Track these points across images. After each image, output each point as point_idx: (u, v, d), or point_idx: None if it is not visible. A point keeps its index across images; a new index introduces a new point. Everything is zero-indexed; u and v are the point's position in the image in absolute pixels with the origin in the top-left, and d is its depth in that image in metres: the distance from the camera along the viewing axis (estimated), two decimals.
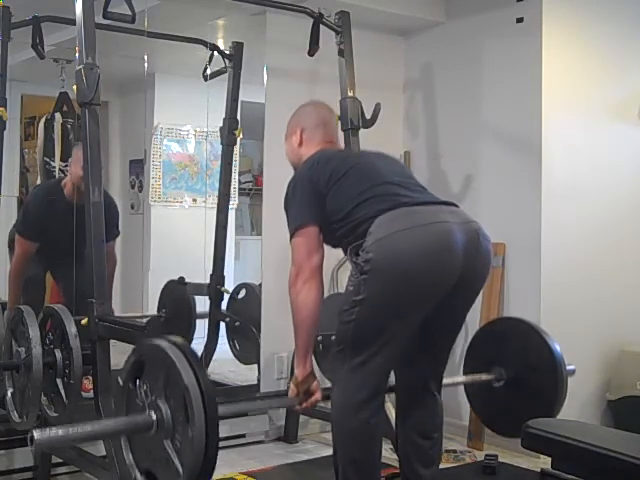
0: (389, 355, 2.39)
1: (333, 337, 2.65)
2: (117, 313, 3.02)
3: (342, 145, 3.08)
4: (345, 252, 2.51)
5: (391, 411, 3.23)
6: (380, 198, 2.41)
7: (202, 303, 4.53)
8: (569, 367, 2.90)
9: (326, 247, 2.52)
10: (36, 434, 1.84)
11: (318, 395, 2.53)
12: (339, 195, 2.46)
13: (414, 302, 2.35)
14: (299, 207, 2.48)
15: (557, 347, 2.88)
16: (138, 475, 2.04)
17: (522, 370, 2.92)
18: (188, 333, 4.46)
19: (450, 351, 2.63)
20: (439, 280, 2.34)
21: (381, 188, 2.45)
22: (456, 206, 2.51)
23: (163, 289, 4.54)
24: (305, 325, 2.45)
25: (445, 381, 2.67)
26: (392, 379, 2.56)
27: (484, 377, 2.98)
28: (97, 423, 2.04)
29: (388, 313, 2.33)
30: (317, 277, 2.43)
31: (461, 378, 3.04)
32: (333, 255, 2.52)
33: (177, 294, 4.54)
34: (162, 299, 4.54)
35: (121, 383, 2.08)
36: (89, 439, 2.29)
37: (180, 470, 1.89)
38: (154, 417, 1.94)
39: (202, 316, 4.53)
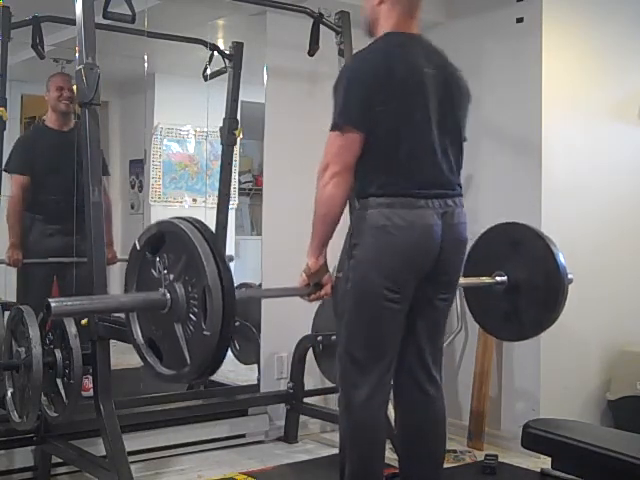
0: (387, 340, 2.39)
1: (333, 337, 2.66)
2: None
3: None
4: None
5: (391, 411, 3.23)
6: (397, 179, 2.35)
7: None
8: (569, 276, 2.88)
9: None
10: (53, 303, 1.84)
11: (328, 288, 2.46)
12: (377, 133, 2.33)
13: (396, 279, 2.35)
14: (352, 103, 2.31)
15: (561, 255, 2.86)
16: (141, 340, 2.04)
17: (525, 276, 2.89)
18: None
19: (437, 345, 2.58)
20: (419, 259, 2.37)
21: (408, 165, 2.36)
22: (459, 199, 2.50)
23: None
24: (327, 218, 2.36)
25: None
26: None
27: (486, 280, 2.94)
28: (111, 297, 2.03)
29: (373, 293, 2.34)
30: (348, 172, 2.32)
31: (462, 280, 2.94)
32: (333, 255, 2.51)
33: None
34: None
35: (138, 247, 2.05)
36: (102, 312, 2.26)
37: (188, 360, 1.89)
38: (168, 296, 1.93)
39: None
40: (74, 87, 2.85)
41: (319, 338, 3.72)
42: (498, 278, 2.93)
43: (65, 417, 2.73)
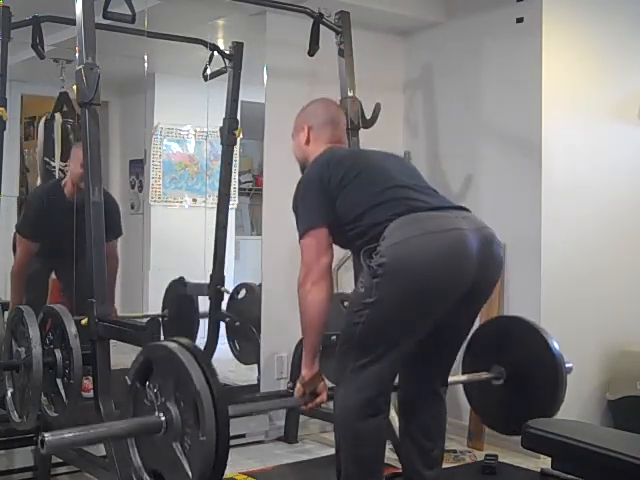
0: (395, 358, 2.38)
1: (333, 337, 2.65)
2: (118, 313, 3.02)
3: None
4: (356, 254, 2.51)
5: (391, 411, 3.23)
6: (394, 202, 2.40)
7: (202, 303, 4.54)
8: (567, 365, 2.90)
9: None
10: (47, 437, 1.84)
11: (324, 396, 2.54)
12: (351, 197, 2.44)
13: (425, 309, 2.34)
14: (309, 208, 2.47)
15: (556, 345, 2.89)
16: (145, 475, 2.04)
17: (521, 368, 2.92)
18: (192, 333, 4.47)
19: (457, 354, 2.64)
20: (452, 288, 2.35)
21: (395, 191, 2.44)
22: (468, 210, 2.50)
23: (167, 289, 4.54)
24: (313, 326, 2.44)
25: None
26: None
27: (483, 376, 2.98)
28: (107, 425, 2.04)
29: (398, 318, 2.32)
30: (326, 278, 2.42)
31: (461, 377, 3.04)
32: (334, 255, 2.52)
33: (180, 294, 4.54)
34: (166, 299, 4.55)
35: (129, 382, 2.08)
36: (99, 441, 2.29)
37: (189, 473, 1.89)
38: (163, 419, 1.94)
39: (202, 316, 4.54)
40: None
41: None
42: (494, 373, 2.96)
43: (65, 417, 2.73)
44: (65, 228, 3.72)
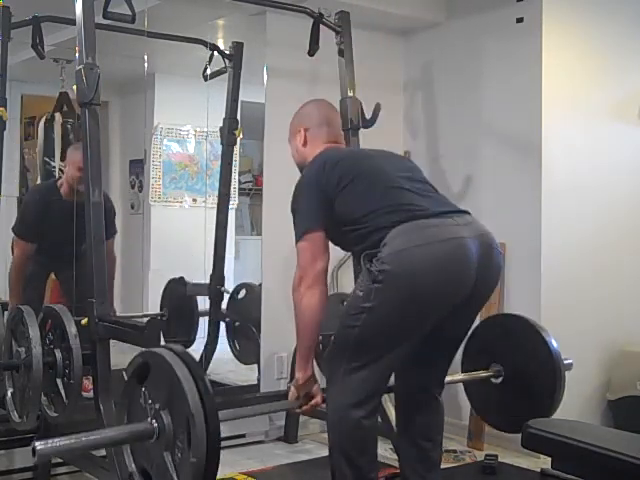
0: (389, 363, 2.39)
1: (333, 337, 2.65)
2: (118, 313, 3.02)
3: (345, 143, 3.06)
4: (355, 257, 2.51)
5: (391, 411, 3.23)
6: (394, 207, 2.39)
7: (202, 303, 4.53)
8: (566, 361, 2.90)
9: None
10: (38, 445, 1.83)
11: (319, 398, 2.53)
12: (350, 200, 2.44)
13: (423, 317, 2.35)
14: (306, 211, 2.46)
15: (554, 343, 2.88)
16: (135, 471, 2.04)
17: (520, 366, 2.92)
18: (190, 332, 4.47)
19: (454, 356, 2.64)
20: (451, 297, 2.35)
21: (394, 195, 2.43)
22: (468, 214, 2.50)
23: (165, 288, 4.54)
24: (307, 329, 2.44)
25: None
26: (392, 380, 2.56)
27: (482, 374, 2.98)
28: (98, 433, 2.03)
29: (395, 325, 2.33)
30: (321, 282, 2.42)
31: (460, 376, 3.03)
32: (333, 255, 2.52)
33: (179, 293, 4.54)
34: (164, 298, 4.55)
35: (125, 378, 2.07)
36: (91, 448, 2.28)
37: None
38: (155, 425, 1.94)
39: (202, 314, 4.53)
40: None
41: (319, 338, 3.71)
42: (493, 371, 2.96)
43: (65, 417, 2.73)
44: (62, 229, 3.73)
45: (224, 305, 4.52)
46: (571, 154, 3.88)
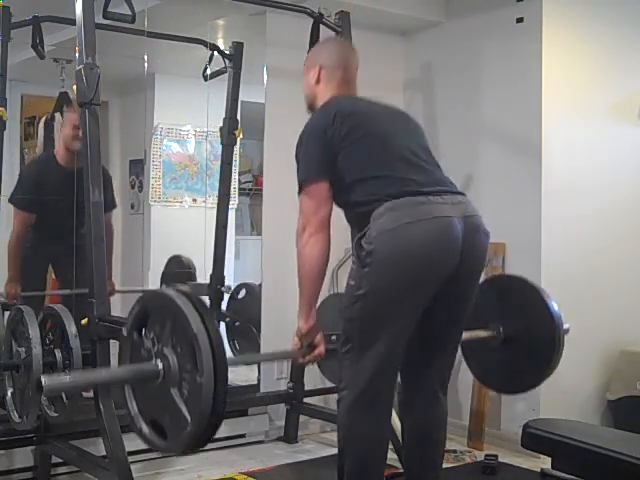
0: (395, 351, 2.38)
1: (333, 337, 2.65)
2: (117, 313, 3.01)
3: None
4: (347, 219, 2.51)
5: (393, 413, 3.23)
6: (389, 180, 2.39)
7: None
8: (565, 326, 2.89)
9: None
10: (44, 379, 1.84)
11: (322, 348, 2.51)
12: (351, 159, 2.42)
13: (414, 294, 2.35)
14: (310, 158, 2.44)
15: (555, 306, 2.87)
16: (144, 425, 2.03)
17: (520, 328, 2.90)
18: None
19: (455, 353, 2.63)
20: (438, 271, 2.35)
21: (393, 166, 2.42)
22: (462, 194, 2.50)
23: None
24: (310, 277, 2.41)
25: None
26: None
27: (482, 334, 2.95)
28: (104, 370, 2.04)
29: (389, 307, 2.33)
30: (324, 230, 2.40)
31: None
32: (333, 255, 2.51)
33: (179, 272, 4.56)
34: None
35: (125, 333, 2.07)
36: (95, 385, 2.27)
37: (188, 418, 1.89)
38: (160, 366, 1.94)
39: None
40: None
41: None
42: (493, 331, 2.94)
43: (65, 417, 2.73)
44: (61, 198, 3.72)
45: (224, 305, 4.52)
46: (571, 154, 3.88)
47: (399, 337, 2.38)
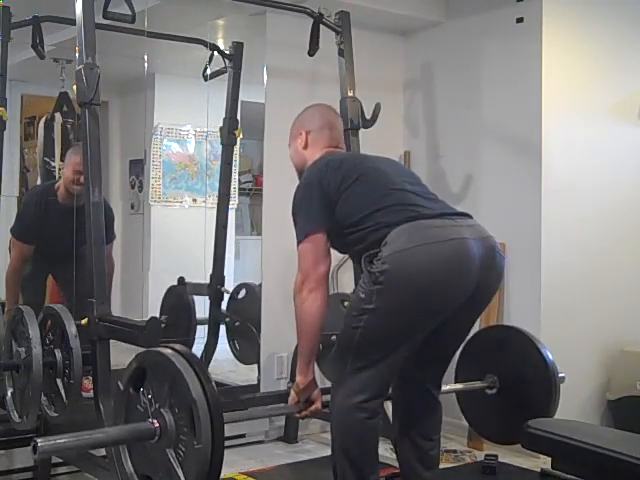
0: (392, 363, 2.39)
1: (333, 337, 2.65)
2: (117, 313, 3.01)
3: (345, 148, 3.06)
4: (355, 259, 2.51)
5: (390, 411, 3.23)
6: (397, 207, 2.39)
7: (202, 303, 4.53)
8: (560, 375, 2.89)
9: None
10: (40, 442, 1.84)
11: (318, 404, 2.54)
12: (352, 201, 2.43)
13: (425, 317, 2.35)
14: (308, 213, 2.45)
15: (550, 355, 2.88)
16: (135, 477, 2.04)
17: (515, 378, 2.91)
18: (189, 336, 4.46)
19: (452, 357, 2.64)
20: (453, 297, 2.35)
21: (397, 196, 2.42)
22: (470, 217, 2.50)
23: (165, 295, 4.54)
24: (309, 333, 2.44)
25: None
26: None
27: (477, 385, 2.97)
28: (99, 432, 2.03)
29: (397, 326, 2.32)
30: (323, 286, 2.42)
31: (455, 386, 3.03)
32: (333, 255, 2.52)
33: (178, 297, 4.53)
34: (164, 304, 4.54)
35: (122, 388, 2.07)
36: (91, 447, 2.28)
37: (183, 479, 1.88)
38: (157, 425, 1.94)
39: (202, 322, 4.52)
40: None
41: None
42: (489, 382, 2.95)
43: (65, 417, 2.73)
44: (60, 231, 3.73)
45: (224, 305, 4.52)
46: (571, 154, 3.88)
47: (399, 351, 2.38)
